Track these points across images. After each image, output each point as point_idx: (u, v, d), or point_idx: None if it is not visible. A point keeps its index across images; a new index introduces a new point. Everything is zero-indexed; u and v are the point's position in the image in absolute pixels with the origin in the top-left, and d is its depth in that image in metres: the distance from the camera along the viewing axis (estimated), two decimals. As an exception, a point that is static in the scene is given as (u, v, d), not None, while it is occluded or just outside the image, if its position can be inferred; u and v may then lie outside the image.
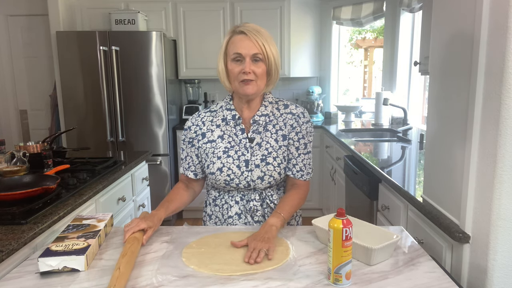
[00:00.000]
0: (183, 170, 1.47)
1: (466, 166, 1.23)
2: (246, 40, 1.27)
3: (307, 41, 4.22)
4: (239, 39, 1.28)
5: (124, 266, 1.01)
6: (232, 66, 1.30)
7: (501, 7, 1.08)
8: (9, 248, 1.17)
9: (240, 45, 1.27)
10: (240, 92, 1.32)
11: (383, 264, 1.09)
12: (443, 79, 1.41)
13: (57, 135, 2.53)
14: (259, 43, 1.27)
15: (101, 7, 3.89)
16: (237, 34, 1.29)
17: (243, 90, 1.31)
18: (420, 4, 3.08)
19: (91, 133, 3.62)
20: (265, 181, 1.36)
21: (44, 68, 4.18)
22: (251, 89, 1.30)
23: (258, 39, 1.27)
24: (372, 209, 2.19)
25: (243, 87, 1.30)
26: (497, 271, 1.16)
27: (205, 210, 1.50)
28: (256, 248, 1.12)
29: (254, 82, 1.30)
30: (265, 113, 1.40)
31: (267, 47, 1.28)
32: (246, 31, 1.27)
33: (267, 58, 1.29)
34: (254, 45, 1.27)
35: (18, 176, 1.70)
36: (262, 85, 1.33)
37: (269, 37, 1.30)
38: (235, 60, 1.29)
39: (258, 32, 1.28)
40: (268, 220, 1.28)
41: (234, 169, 1.35)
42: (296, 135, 1.39)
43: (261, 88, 1.34)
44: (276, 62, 1.32)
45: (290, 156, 1.40)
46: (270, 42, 1.30)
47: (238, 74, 1.29)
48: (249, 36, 1.27)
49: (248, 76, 1.28)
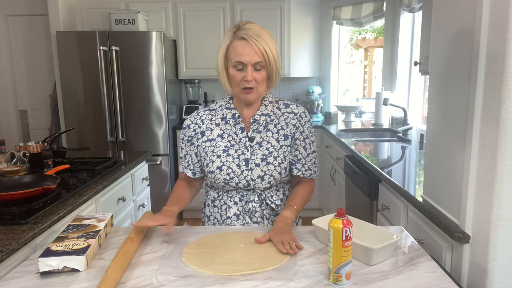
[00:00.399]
0: (182, 168, 1.47)
1: (466, 166, 1.23)
2: (247, 48, 1.25)
3: (307, 41, 4.22)
4: (241, 45, 1.26)
5: (111, 268, 1.00)
6: (234, 73, 1.29)
7: (501, 7, 1.08)
8: (9, 248, 1.17)
9: (242, 52, 1.26)
10: (241, 98, 1.34)
11: (383, 264, 1.09)
12: (443, 79, 1.41)
13: (57, 135, 2.53)
14: (261, 49, 1.25)
15: (101, 7, 3.89)
16: (238, 39, 1.27)
17: (245, 97, 1.32)
18: (420, 4, 3.08)
19: (91, 133, 3.62)
20: (265, 181, 1.37)
21: (44, 68, 4.18)
22: (252, 96, 1.32)
23: (260, 45, 1.25)
24: (372, 209, 2.19)
25: (245, 95, 1.31)
26: (497, 271, 1.16)
27: (203, 211, 1.51)
28: (284, 241, 1.16)
29: (255, 89, 1.30)
30: (266, 113, 1.40)
31: (269, 52, 1.27)
32: (247, 37, 1.25)
33: (268, 64, 1.28)
34: (255, 53, 1.25)
35: (18, 176, 1.70)
36: (263, 90, 1.34)
37: (270, 39, 1.29)
38: (237, 67, 1.28)
39: (259, 36, 1.26)
40: (282, 213, 1.31)
41: (234, 167, 1.35)
42: (301, 134, 1.41)
43: (262, 92, 1.34)
44: (277, 65, 1.31)
45: (299, 156, 1.42)
46: (271, 44, 1.29)
47: (240, 82, 1.29)
48: (250, 42, 1.25)
49: (250, 84, 1.28)
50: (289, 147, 1.40)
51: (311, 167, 1.44)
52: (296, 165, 1.42)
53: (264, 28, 1.30)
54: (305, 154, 1.42)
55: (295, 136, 1.40)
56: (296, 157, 1.42)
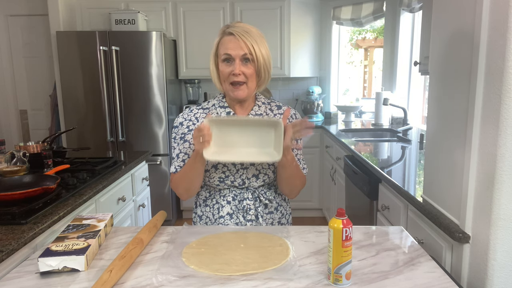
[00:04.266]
0: (174, 168, 1.40)
1: (466, 166, 1.23)
2: (235, 41, 1.28)
3: (307, 41, 4.22)
4: (228, 40, 1.29)
5: (116, 272, 1.00)
6: (223, 67, 1.31)
7: (501, 7, 1.08)
8: (9, 248, 1.17)
9: (229, 46, 1.29)
10: (231, 95, 1.34)
11: (383, 264, 1.09)
12: (443, 79, 1.41)
13: (57, 135, 2.53)
14: (247, 44, 1.28)
15: (101, 7, 3.89)
16: (226, 35, 1.31)
17: (234, 94, 1.33)
18: (420, 4, 3.08)
19: (91, 133, 3.62)
20: (260, 179, 1.38)
21: (44, 68, 4.18)
22: (241, 93, 1.33)
23: (247, 40, 1.28)
24: (372, 209, 2.19)
25: (234, 92, 1.32)
26: (497, 271, 1.16)
27: (195, 211, 1.50)
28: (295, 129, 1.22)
29: (244, 85, 1.31)
30: (259, 113, 1.41)
31: (256, 48, 1.29)
32: (234, 32, 1.28)
33: (256, 58, 1.29)
34: (242, 47, 1.27)
35: (18, 176, 1.70)
36: (253, 86, 1.34)
37: (259, 37, 1.31)
38: (225, 60, 1.30)
39: (247, 33, 1.29)
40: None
41: (229, 166, 1.36)
42: None
43: (252, 89, 1.35)
44: (266, 62, 1.32)
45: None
46: (260, 42, 1.30)
47: (229, 76, 1.30)
48: (237, 37, 1.28)
49: (238, 78, 1.29)
50: None
51: (302, 164, 1.45)
52: None
53: (254, 27, 1.32)
54: (296, 153, 1.43)
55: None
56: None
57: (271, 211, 1.44)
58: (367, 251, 1.18)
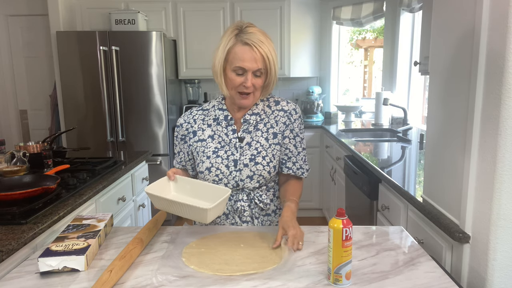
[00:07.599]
0: (175, 163, 1.50)
1: (466, 166, 1.23)
2: (250, 53, 1.24)
3: (307, 41, 4.22)
4: (243, 51, 1.24)
5: (116, 272, 1.00)
6: (233, 77, 1.28)
7: (501, 7, 1.08)
8: (9, 248, 1.17)
9: (244, 58, 1.24)
10: (237, 102, 1.34)
11: (383, 264, 1.09)
12: (443, 79, 1.41)
13: (57, 135, 2.53)
14: (263, 55, 1.24)
15: (101, 7, 3.89)
16: (241, 44, 1.24)
17: (241, 102, 1.32)
18: (420, 4, 3.08)
19: (91, 133, 3.62)
20: (254, 180, 1.37)
21: (44, 68, 4.18)
22: (248, 102, 1.32)
23: (263, 51, 1.24)
24: (372, 209, 2.19)
25: (241, 100, 1.32)
26: (497, 271, 1.16)
27: None
28: (295, 237, 1.16)
29: (251, 94, 1.31)
30: (256, 112, 1.39)
31: (270, 58, 1.26)
32: (251, 43, 1.23)
33: (269, 70, 1.28)
34: (258, 59, 1.24)
35: (18, 176, 1.70)
36: (259, 94, 1.34)
37: (270, 43, 1.28)
38: (237, 72, 1.27)
39: (262, 42, 1.24)
40: (289, 205, 1.30)
41: (222, 169, 1.35)
42: (291, 132, 1.40)
43: (258, 98, 1.35)
44: (275, 70, 1.30)
45: (289, 154, 1.41)
46: (272, 49, 1.28)
47: (238, 86, 1.29)
48: (254, 49, 1.23)
49: (248, 89, 1.28)
50: (278, 145, 1.39)
51: (303, 165, 1.43)
52: (287, 163, 1.41)
53: (264, 32, 1.29)
54: (296, 153, 1.42)
55: (285, 134, 1.40)
56: (286, 155, 1.41)
57: (269, 213, 1.43)
58: (367, 251, 1.18)
